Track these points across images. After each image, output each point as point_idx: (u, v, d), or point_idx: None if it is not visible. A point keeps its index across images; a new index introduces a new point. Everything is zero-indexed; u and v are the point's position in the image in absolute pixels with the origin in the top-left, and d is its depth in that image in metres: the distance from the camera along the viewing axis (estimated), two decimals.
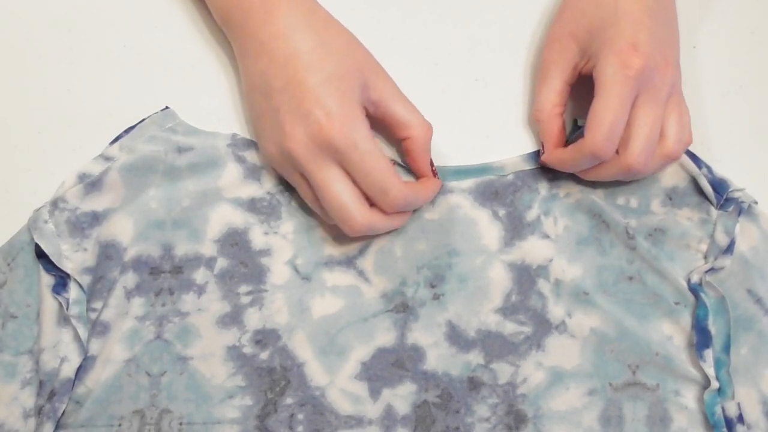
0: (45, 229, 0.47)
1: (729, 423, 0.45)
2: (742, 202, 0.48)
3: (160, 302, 0.47)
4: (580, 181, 0.49)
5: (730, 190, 0.48)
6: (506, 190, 0.50)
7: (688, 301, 0.47)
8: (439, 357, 0.47)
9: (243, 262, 0.48)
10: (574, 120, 0.51)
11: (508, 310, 0.48)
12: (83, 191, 0.47)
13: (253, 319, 0.47)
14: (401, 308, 0.48)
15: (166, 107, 0.51)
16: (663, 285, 0.48)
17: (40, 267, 0.46)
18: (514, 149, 0.51)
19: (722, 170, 0.49)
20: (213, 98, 0.52)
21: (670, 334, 0.47)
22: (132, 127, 0.50)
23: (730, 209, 0.48)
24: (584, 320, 0.47)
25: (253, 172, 0.49)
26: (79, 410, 0.45)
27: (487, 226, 0.49)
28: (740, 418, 0.45)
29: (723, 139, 0.52)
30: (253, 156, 0.50)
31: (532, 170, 0.50)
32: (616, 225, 0.48)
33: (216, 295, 0.47)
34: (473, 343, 0.47)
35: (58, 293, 0.46)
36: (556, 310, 0.48)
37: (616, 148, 0.45)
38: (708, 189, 0.48)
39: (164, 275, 0.47)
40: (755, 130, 0.52)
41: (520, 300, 0.48)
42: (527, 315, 0.47)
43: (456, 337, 0.47)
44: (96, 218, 0.47)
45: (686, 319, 0.47)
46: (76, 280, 0.46)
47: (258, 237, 0.48)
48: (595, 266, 0.48)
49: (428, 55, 0.53)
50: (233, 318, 0.47)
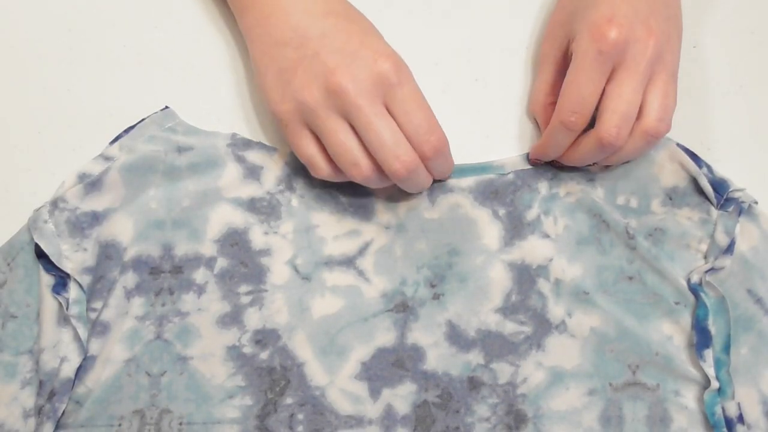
0: (45, 229, 0.47)
1: (729, 423, 0.45)
2: (743, 202, 0.48)
3: (160, 302, 0.47)
4: (581, 181, 0.49)
5: (730, 190, 0.48)
6: (506, 189, 0.50)
7: (688, 301, 0.47)
8: (439, 357, 0.47)
9: (243, 262, 0.48)
10: None
11: (508, 310, 0.48)
12: (83, 191, 0.47)
13: (253, 319, 0.47)
14: (401, 308, 0.48)
15: (166, 107, 0.51)
16: (663, 285, 0.48)
17: (40, 267, 0.46)
18: (514, 149, 0.51)
19: (722, 170, 0.49)
20: (213, 98, 0.52)
21: (670, 334, 0.47)
22: (132, 127, 0.50)
23: (731, 209, 0.48)
24: (584, 320, 0.47)
25: (253, 172, 0.49)
26: (79, 410, 0.45)
27: (487, 226, 0.49)
28: (740, 418, 0.45)
29: (723, 139, 0.52)
30: (253, 156, 0.50)
31: (532, 169, 0.50)
32: (616, 225, 0.48)
33: (216, 295, 0.47)
34: (473, 342, 0.47)
35: (58, 293, 0.46)
36: (556, 310, 0.48)
37: (585, 122, 0.45)
38: (708, 189, 0.48)
39: (164, 275, 0.47)
40: (755, 130, 0.52)
41: (520, 300, 0.48)
42: (527, 315, 0.47)
43: (456, 337, 0.47)
44: (96, 218, 0.47)
45: (686, 319, 0.47)
46: (76, 280, 0.46)
47: (258, 237, 0.48)
48: (595, 266, 0.48)
49: (428, 55, 0.53)
50: (233, 318, 0.47)
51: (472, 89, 0.53)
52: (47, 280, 0.46)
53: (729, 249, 0.47)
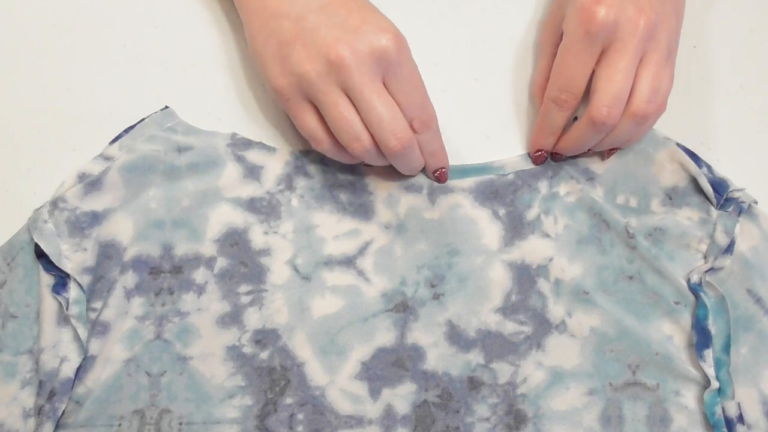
0: (45, 229, 0.47)
1: (729, 423, 0.45)
2: (742, 202, 0.48)
3: (159, 302, 0.47)
4: (581, 180, 0.49)
5: (730, 190, 0.48)
6: (506, 189, 0.50)
7: (688, 301, 0.47)
8: (439, 357, 0.47)
9: (243, 262, 0.48)
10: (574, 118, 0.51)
11: (508, 310, 0.48)
12: (83, 191, 0.47)
13: (253, 319, 0.47)
14: (401, 308, 0.48)
15: (166, 107, 0.51)
16: (663, 285, 0.48)
17: (40, 267, 0.46)
18: (514, 149, 0.51)
19: (722, 170, 0.49)
20: (213, 98, 0.52)
21: (670, 333, 0.47)
22: (132, 127, 0.50)
23: (730, 209, 0.48)
24: (584, 320, 0.47)
25: (252, 172, 0.49)
26: (78, 410, 0.45)
27: (487, 226, 0.49)
28: (740, 418, 0.45)
29: (723, 139, 0.52)
30: (253, 156, 0.50)
31: (532, 169, 0.50)
32: (616, 224, 0.48)
33: (216, 295, 0.47)
34: (473, 342, 0.47)
35: (58, 293, 0.46)
36: (556, 310, 0.47)
37: (576, 101, 0.45)
38: (708, 189, 0.48)
39: (164, 275, 0.47)
40: (755, 130, 0.52)
41: (520, 300, 0.48)
42: (527, 315, 0.47)
43: (456, 337, 0.47)
44: (96, 218, 0.47)
45: (686, 319, 0.47)
46: (75, 280, 0.46)
47: (258, 237, 0.48)
48: (595, 265, 0.48)
49: (428, 55, 0.53)
50: (233, 318, 0.47)
51: (472, 89, 0.53)
52: (47, 280, 0.46)
53: (729, 249, 0.47)
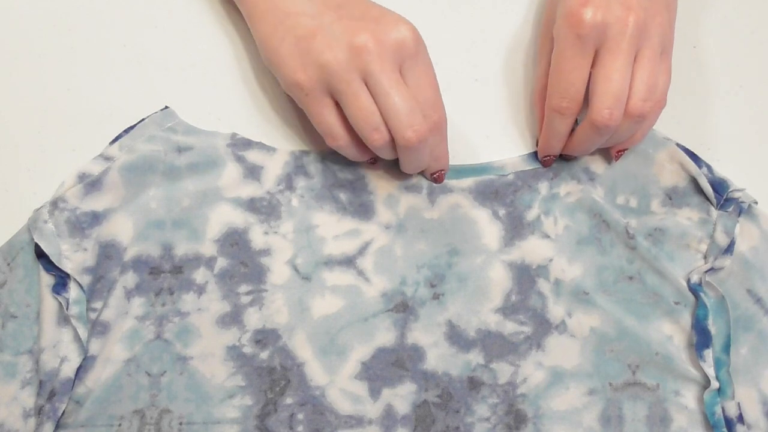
0: (45, 229, 0.47)
1: (729, 423, 0.45)
2: (742, 202, 0.48)
3: (160, 302, 0.47)
4: (581, 181, 0.49)
5: (730, 190, 0.48)
6: (506, 189, 0.50)
7: (688, 301, 0.47)
8: (439, 357, 0.47)
9: (243, 262, 0.48)
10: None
11: (508, 310, 0.48)
12: (83, 191, 0.47)
13: (253, 319, 0.47)
14: (401, 308, 0.48)
15: (166, 107, 0.51)
16: (663, 285, 0.48)
17: (40, 267, 0.46)
18: (514, 149, 0.51)
19: (722, 170, 0.49)
20: (213, 98, 0.52)
21: (670, 333, 0.47)
22: (132, 127, 0.50)
23: (730, 209, 0.48)
24: (584, 320, 0.47)
25: (252, 172, 0.49)
26: (79, 410, 0.45)
27: (487, 226, 0.49)
28: (740, 418, 0.45)
29: (723, 139, 0.52)
30: (253, 156, 0.50)
31: (532, 170, 0.50)
32: (616, 225, 0.48)
33: (216, 295, 0.47)
34: (473, 342, 0.47)
35: (58, 293, 0.46)
36: (556, 310, 0.47)
37: (577, 106, 0.45)
38: (708, 189, 0.48)
39: (164, 275, 0.47)
40: (755, 130, 0.52)
41: (520, 300, 0.48)
42: (527, 315, 0.47)
43: (456, 337, 0.47)
44: (96, 218, 0.47)
45: (686, 319, 0.47)
46: (76, 280, 0.46)
47: (258, 237, 0.48)
48: (595, 266, 0.48)
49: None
50: (233, 318, 0.47)
51: (472, 89, 0.53)
52: (47, 280, 0.46)
53: (729, 249, 0.47)
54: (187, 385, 0.46)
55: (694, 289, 0.47)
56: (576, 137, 0.47)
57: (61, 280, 0.46)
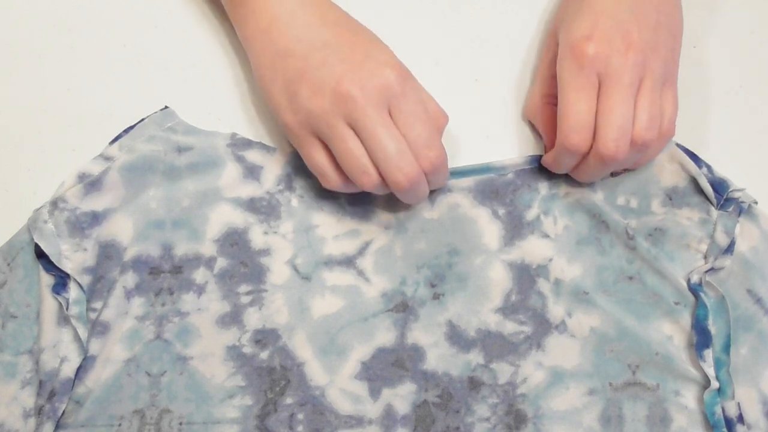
0: (45, 229, 0.47)
1: (729, 423, 0.45)
2: (742, 202, 0.48)
3: (159, 302, 0.47)
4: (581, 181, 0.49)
5: (730, 190, 0.48)
6: (506, 189, 0.50)
7: (688, 301, 0.47)
8: (439, 357, 0.47)
9: (243, 262, 0.48)
10: None
11: (508, 310, 0.48)
12: (83, 191, 0.47)
13: (253, 319, 0.47)
14: (401, 308, 0.48)
15: (166, 107, 0.51)
16: (663, 285, 0.48)
17: (40, 267, 0.47)
18: (514, 149, 0.51)
19: (722, 170, 0.49)
20: (213, 98, 0.52)
21: (670, 333, 0.47)
22: (132, 127, 0.50)
23: (730, 209, 0.48)
24: (584, 320, 0.47)
25: (252, 172, 0.49)
26: (79, 410, 0.45)
27: (486, 225, 0.49)
28: (740, 418, 0.45)
29: (723, 139, 0.52)
30: (252, 156, 0.50)
31: (531, 169, 0.50)
32: (616, 225, 0.48)
33: (216, 295, 0.47)
34: (473, 342, 0.47)
35: (58, 293, 0.46)
36: (556, 310, 0.48)
37: (587, 140, 0.45)
38: (708, 189, 0.48)
39: (164, 275, 0.47)
40: (755, 130, 0.52)
41: (520, 299, 0.48)
42: (527, 315, 0.47)
43: (456, 337, 0.47)
44: (96, 218, 0.48)
45: (686, 319, 0.47)
46: (75, 280, 0.46)
47: (258, 237, 0.48)
48: (594, 266, 0.48)
49: (428, 55, 0.53)
50: (233, 318, 0.47)
51: (472, 89, 0.53)
52: (47, 280, 0.46)
53: (729, 249, 0.47)
54: (187, 385, 0.46)
55: (694, 289, 0.47)
56: (582, 169, 0.47)
57: (61, 280, 0.46)
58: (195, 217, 0.48)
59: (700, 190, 0.49)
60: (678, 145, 0.49)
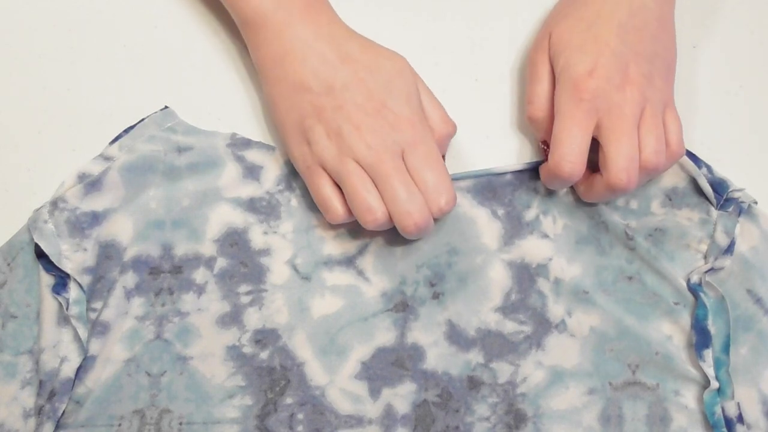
0: (45, 229, 0.47)
1: (729, 423, 0.45)
2: (742, 202, 0.48)
3: (159, 302, 0.47)
4: None
5: (730, 190, 0.48)
6: (505, 189, 0.50)
7: (687, 301, 0.47)
8: (438, 356, 0.47)
9: (243, 262, 0.48)
10: None
11: (507, 309, 0.48)
12: (83, 191, 0.47)
13: (253, 319, 0.47)
14: (401, 307, 0.48)
15: (166, 107, 0.51)
16: (662, 285, 0.48)
17: (40, 267, 0.47)
18: (514, 150, 0.51)
19: (722, 170, 0.49)
20: (213, 98, 0.52)
21: (670, 333, 0.47)
22: (132, 127, 0.50)
23: (730, 209, 0.48)
24: (584, 319, 0.47)
25: (252, 172, 0.49)
26: (79, 410, 0.45)
27: (486, 225, 0.49)
28: (740, 418, 0.45)
29: (723, 139, 0.52)
30: (252, 156, 0.50)
31: (531, 170, 0.50)
32: (615, 226, 0.48)
33: (216, 295, 0.47)
34: (473, 342, 0.47)
35: (58, 293, 0.46)
36: (556, 309, 0.48)
37: (580, 169, 0.45)
38: (708, 189, 0.48)
39: (164, 275, 0.47)
40: (755, 130, 0.52)
41: (520, 299, 0.48)
42: (527, 314, 0.47)
43: (456, 337, 0.47)
44: (96, 218, 0.48)
45: (686, 319, 0.47)
46: (76, 280, 0.46)
47: (257, 237, 0.48)
48: (594, 265, 0.48)
49: (428, 55, 0.53)
50: (233, 318, 0.47)
51: (472, 89, 0.53)
52: (47, 280, 0.46)
53: (729, 249, 0.47)
54: (187, 385, 0.46)
55: (694, 289, 0.47)
56: (592, 195, 0.47)
57: (61, 280, 0.46)
58: (195, 217, 0.48)
59: (700, 191, 0.49)
60: None
